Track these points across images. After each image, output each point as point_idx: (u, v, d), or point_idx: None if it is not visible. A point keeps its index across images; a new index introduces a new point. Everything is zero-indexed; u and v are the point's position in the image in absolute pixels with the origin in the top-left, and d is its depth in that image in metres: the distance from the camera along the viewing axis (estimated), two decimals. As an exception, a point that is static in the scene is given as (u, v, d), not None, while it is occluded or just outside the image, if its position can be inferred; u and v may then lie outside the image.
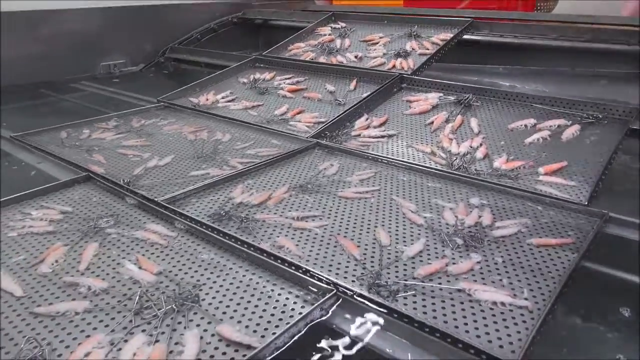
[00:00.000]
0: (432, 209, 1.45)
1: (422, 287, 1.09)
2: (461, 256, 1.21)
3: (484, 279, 1.12)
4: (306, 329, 0.98)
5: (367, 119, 2.16)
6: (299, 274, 1.11)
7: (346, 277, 1.14)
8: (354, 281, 1.12)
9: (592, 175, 1.56)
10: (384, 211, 1.44)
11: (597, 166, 1.59)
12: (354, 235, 1.32)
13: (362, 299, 1.04)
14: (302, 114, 2.31)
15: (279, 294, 1.08)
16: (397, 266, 1.18)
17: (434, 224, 1.36)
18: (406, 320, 0.98)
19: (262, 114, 2.37)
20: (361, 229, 1.35)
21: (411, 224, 1.37)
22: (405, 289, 1.08)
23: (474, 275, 1.14)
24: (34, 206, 1.49)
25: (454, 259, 1.20)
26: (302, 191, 1.58)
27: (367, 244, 1.27)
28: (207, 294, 1.08)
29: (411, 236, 1.31)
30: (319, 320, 1.01)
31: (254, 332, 0.97)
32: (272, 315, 1.02)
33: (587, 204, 1.41)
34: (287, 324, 0.97)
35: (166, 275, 1.16)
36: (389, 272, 1.15)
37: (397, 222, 1.38)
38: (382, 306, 1.02)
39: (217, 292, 1.09)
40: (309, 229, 1.34)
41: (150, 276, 1.14)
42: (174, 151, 1.95)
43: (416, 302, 1.05)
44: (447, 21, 3.04)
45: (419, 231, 1.33)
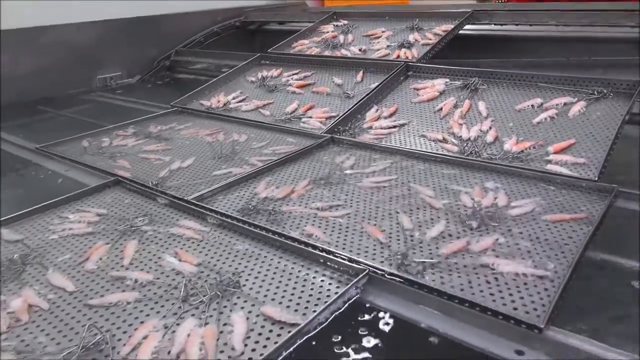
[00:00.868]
0: (449, 194, 1.52)
1: (447, 264, 1.17)
2: (481, 234, 1.28)
3: (505, 253, 1.19)
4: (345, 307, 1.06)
5: (377, 110, 2.22)
6: (332, 257, 1.19)
7: (374, 259, 1.22)
8: (382, 262, 1.20)
9: (601, 150, 1.62)
10: (403, 198, 1.51)
11: (605, 141, 1.65)
12: (376, 221, 1.39)
13: (392, 277, 1.12)
14: (313, 110, 2.37)
15: (314, 277, 1.16)
16: (422, 247, 1.25)
17: (452, 207, 1.43)
18: (436, 293, 1.05)
19: (274, 112, 2.44)
20: (383, 216, 1.42)
21: (431, 209, 1.44)
22: (431, 266, 1.15)
23: (494, 250, 1.21)
24: (71, 210, 1.57)
25: (474, 236, 1.27)
26: (323, 184, 1.65)
27: (390, 229, 1.34)
28: (246, 280, 1.16)
29: (432, 219, 1.38)
30: (355, 298, 1.08)
31: (295, 311, 1.05)
32: (310, 295, 1.09)
33: (597, 179, 1.47)
34: (325, 302, 1.04)
35: (205, 266, 1.23)
36: (414, 252, 1.23)
37: (418, 208, 1.45)
38: (412, 283, 1.09)
39: (255, 278, 1.17)
40: (334, 218, 1.42)
41: (191, 267, 1.22)
42: (194, 153, 2.02)
43: (443, 278, 1.12)
44: (448, 14, 3.09)
45: (439, 214, 1.40)
